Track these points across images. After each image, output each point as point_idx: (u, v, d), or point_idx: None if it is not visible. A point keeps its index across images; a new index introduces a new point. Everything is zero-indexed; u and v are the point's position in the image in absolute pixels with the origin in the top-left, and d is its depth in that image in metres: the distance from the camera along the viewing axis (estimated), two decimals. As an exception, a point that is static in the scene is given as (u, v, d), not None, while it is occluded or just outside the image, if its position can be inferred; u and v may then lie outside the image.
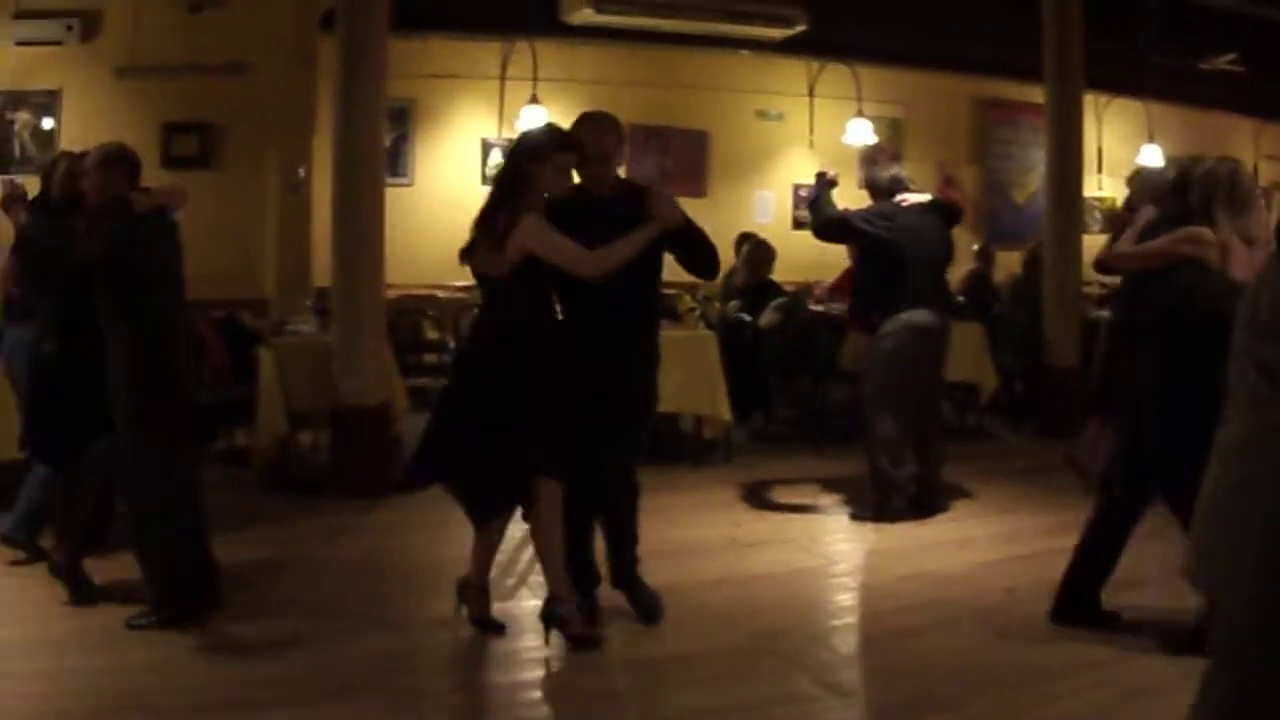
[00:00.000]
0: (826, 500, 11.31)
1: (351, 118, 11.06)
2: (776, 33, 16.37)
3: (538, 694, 6.85)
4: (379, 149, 11.41)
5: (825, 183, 10.78)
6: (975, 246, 17.02)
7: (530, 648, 7.32)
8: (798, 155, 18.54)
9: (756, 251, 14.00)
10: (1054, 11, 14.67)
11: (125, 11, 13.98)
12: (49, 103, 14.28)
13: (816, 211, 10.87)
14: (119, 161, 7.67)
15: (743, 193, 18.06)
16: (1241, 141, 22.98)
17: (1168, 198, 7.85)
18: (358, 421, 11.01)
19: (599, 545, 7.81)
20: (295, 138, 14.58)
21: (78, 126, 13.89)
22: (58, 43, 14.04)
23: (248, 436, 11.66)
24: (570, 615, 7.11)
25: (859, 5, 16.03)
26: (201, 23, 14.26)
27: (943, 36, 17.20)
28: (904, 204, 10.64)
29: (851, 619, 8.38)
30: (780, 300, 13.39)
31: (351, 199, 11.02)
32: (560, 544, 7.14)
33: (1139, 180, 10.98)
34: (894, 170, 11.24)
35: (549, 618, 7.11)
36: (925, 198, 10.90)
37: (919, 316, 10.40)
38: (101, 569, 8.08)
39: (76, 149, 8.63)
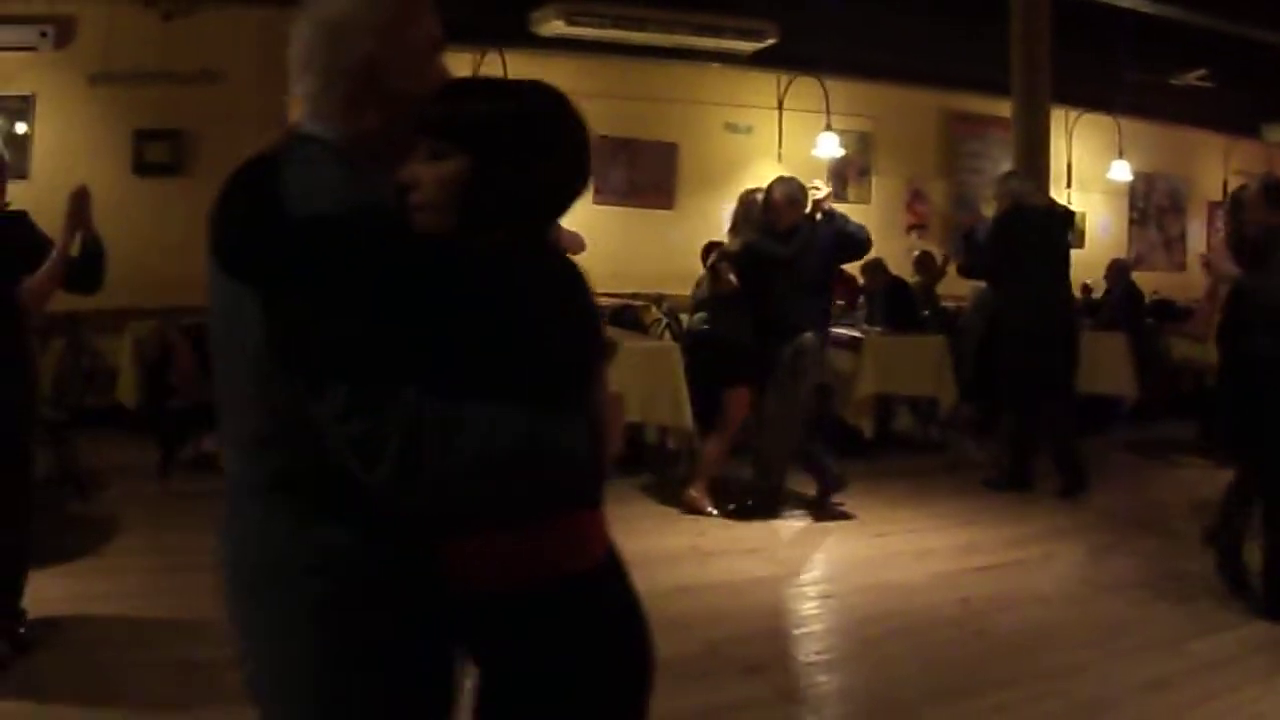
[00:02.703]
0: (789, 509, 11.33)
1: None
2: (747, 46, 16.48)
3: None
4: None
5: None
6: (915, 253, 17.11)
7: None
8: (766, 168, 18.50)
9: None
10: (1022, 25, 14.77)
11: (99, 18, 14.04)
12: (23, 108, 14.26)
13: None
14: None
15: (711, 205, 18.05)
16: (1211, 157, 23.19)
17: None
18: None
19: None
20: (265, 146, 14.60)
21: (51, 132, 14.04)
22: (32, 48, 14.05)
23: (215, 443, 11.67)
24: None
25: (829, 19, 16.08)
26: (175, 30, 14.31)
27: (912, 50, 17.28)
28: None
29: (810, 628, 8.44)
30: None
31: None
32: None
33: (1001, 184, 11.27)
34: None
35: None
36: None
37: None
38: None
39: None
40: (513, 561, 2.89)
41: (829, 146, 17.52)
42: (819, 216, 10.91)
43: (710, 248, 12.58)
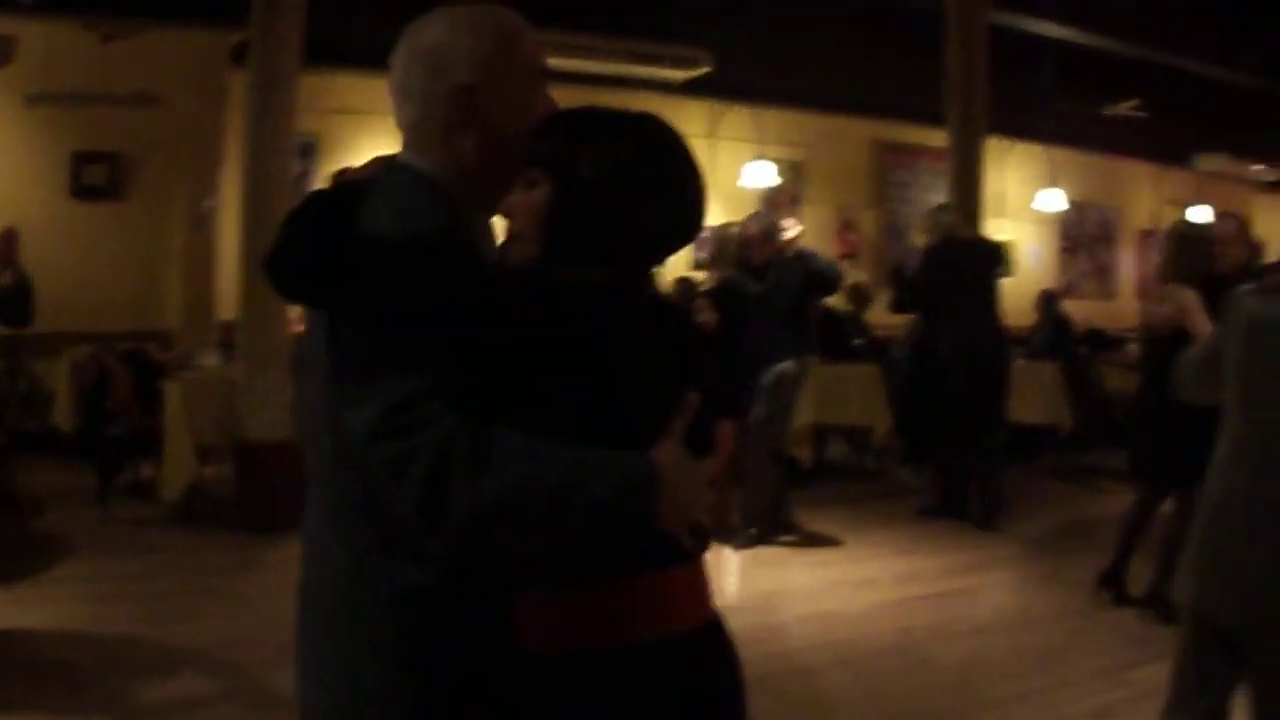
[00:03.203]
0: (720, 539, 11.22)
1: (261, 151, 11.12)
2: (681, 74, 16.51)
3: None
4: (287, 183, 11.44)
5: None
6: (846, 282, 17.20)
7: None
8: (699, 197, 18.63)
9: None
10: (958, 56, 14.84)
11: (37, 39, 13.93)
12: (-42, 129, 14.08)
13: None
14: None
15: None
16: (1142, 186, 23.43)
17: None
18: (263, 456, 11.00)
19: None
20: (203, 170, 14.57)
21: (-12, 153, 13.87)
22: (-33, 68, 13.90)
23: (154, 469, 11.64)
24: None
25: (762, 48, 16.11)
26: (113, 53, 14.21)
27: (844, 79, 17.38)
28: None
29: (748, 656, 8.45)
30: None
31: (260, 233, 11.00)
32: None
33: (932, 218, 11.34)
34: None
35: None
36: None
37: None
38: None
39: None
40: (566, 622, 2.73)
41: (762, 175, 17.54)
42: (789, 254, 10.96)
43: (682, 283, 12.57)
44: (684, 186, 2.93)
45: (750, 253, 10.84)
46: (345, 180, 2.95)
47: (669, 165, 2.91)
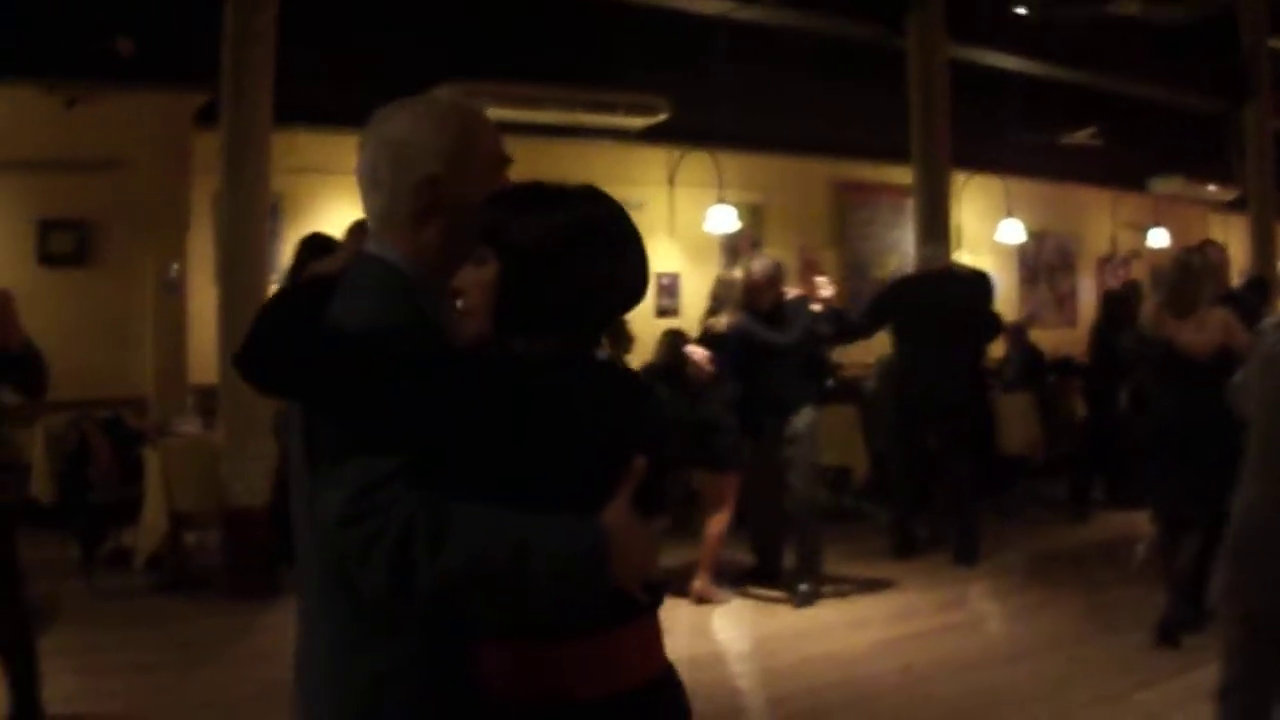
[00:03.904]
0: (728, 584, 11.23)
1: (236, 213, 11.09)
2: (638, 122, 16.49)
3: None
4: (262, 245, 11.42)
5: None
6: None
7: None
8: (659, 244, 18.54)
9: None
10: (920, 92, 14.93)
11: (0, 105, 13.81)
12: (-77, 197, 13.91)
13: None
14: None
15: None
16: (1100, 213, 23.55)
17: None
18: (249, 521, 10.92)
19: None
20: (170, 235, 14.44)
21: (-48, 222, 13.74)
22: (-69, 135, 13.76)
23: (134, 537, 11.56)
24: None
25: (720, 92, 16.14)
26: (77, 118, 14.06)
27: (802, 120, 17.38)
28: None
29: (754, 702, 8.46)
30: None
31: (236, 296, 10.93)
32: None
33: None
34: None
35: None
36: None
37: None
38: None
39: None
40: (514, 672, 2.86)
41: (722, 220, 17.53)
42: (817, 308, 10.90)
43: (672, 335, 12.44)
44: (624, 252, 3.04)
45: (756, 297, 10.68)
46: (315, 275, 3.08)
47: (608, 233, 3.01)
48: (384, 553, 2.63)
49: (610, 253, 3.00)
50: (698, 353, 10.50)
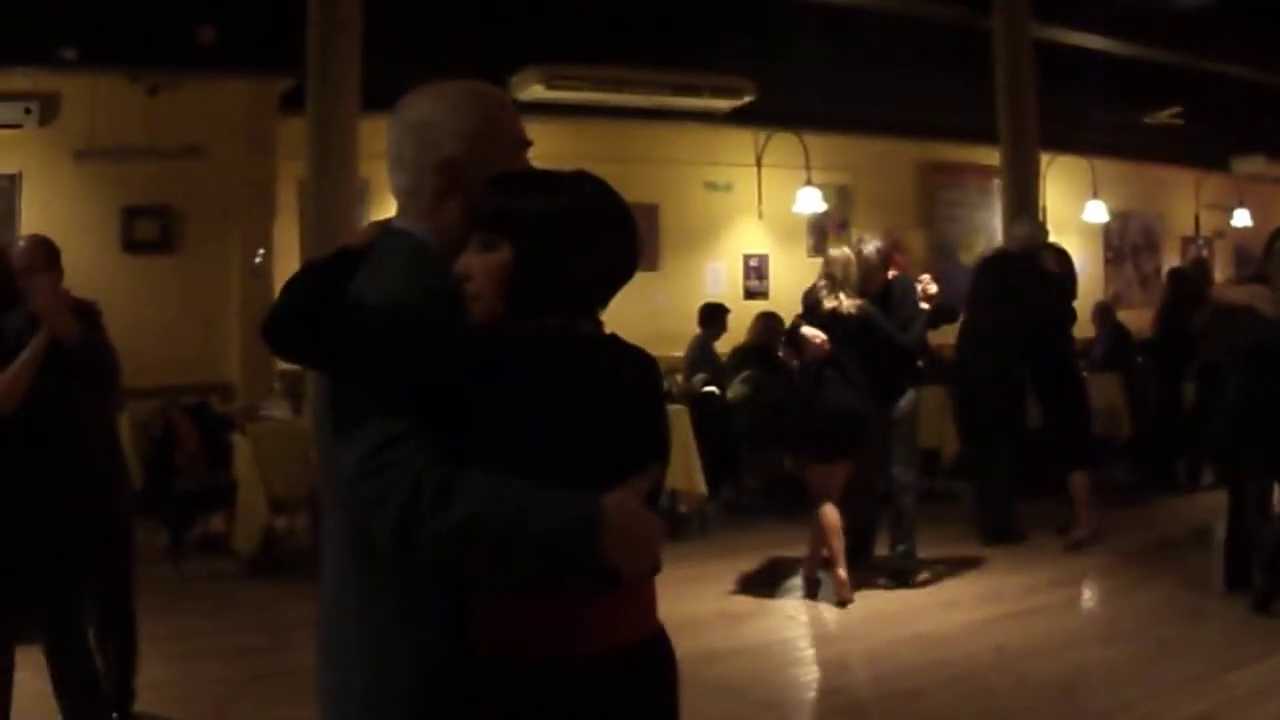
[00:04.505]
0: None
1: (324, 197, 11.11)
2: (725, 104, 16.48)
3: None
4: (350, 230, 11.41)
5: None
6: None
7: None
8: (747, 225, 18.56)
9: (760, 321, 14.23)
10: (1007, 73, 14.84)
11: (83, 94, 13.90)
12: (8, 186, 14.04)
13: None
14: None
15: (693, 264, 17.99)
16: (1183, 193, 23.36)
17: None
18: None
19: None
20: (256, 220, 14.52)
21: (38, 210, 13.82)
22: (17, 125, 13.87)
23: (225, 523, 11.60)
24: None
25: (806, 74, 16.09)
26: (159, 105, 14.18)
27: (888, 101, 17.29)
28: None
29: (851, 683, 8.42)
30: (747, 374, 13.36)
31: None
32: None
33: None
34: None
35: None
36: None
37: None
38: None
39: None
40: (524, 630, 3.02)
41: (810, 202, 17.50)
42: (925, 306, 10.78)
43: (766, 317, 12.29)
44: (624, 230, 3.20)
45: (869, 277, 10.45)
46: (343, 247, 3.22)
47: (609, 213, 3.17)
48: (392, 507, 2.82)
49: (613, 232, 3.17)
50: (815, 335, 10.32)
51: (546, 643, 3.01)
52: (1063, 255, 12.88)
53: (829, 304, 10.30)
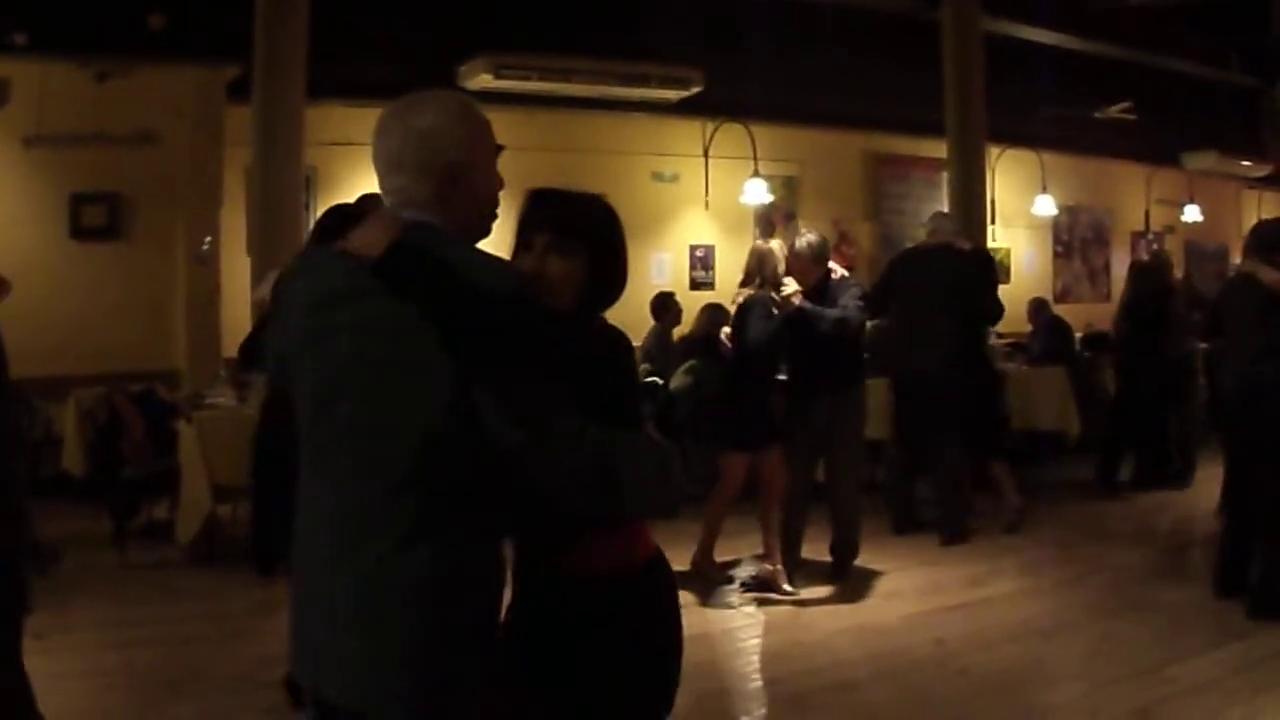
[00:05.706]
0: (747, 558, 11.21)
1: (269, 185, 11.07)
2: (673, 94, 16.49)
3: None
4: (296, 218, 11.42)
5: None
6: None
7: None
8: (694, 216, 18.58)
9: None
10: (955, 66, 14.89)
11: (32, 80, 13.84)
12: (-44, 172, 13.95)
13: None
14: None
15: (639, 254, 17.89)
16: (1133, 188, 23.47)
17: None
18: (285, 492, 10.85)
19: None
20: (202, 208, 14.47)
21: (-14, 196, 13.77)
22: (-35, 111, 13.81)
23: (169, 510, 11.55)
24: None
25: (754, 65, 16.15)
26: (108, 92, 14.13)
27: (837, 93, 17.35)
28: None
29: (791, 673, 8.42)
30: (690, 364, 13.30)
31: (269, 269, 10.86)
32: None
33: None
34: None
35: None
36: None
37: None
38: None
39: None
40: (608, 552, 3.75)
41: (757, 193, 17.53)
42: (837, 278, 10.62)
43: (713, 308, 12.29)
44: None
45: (801, 274, 10.29)
46: (415, 223, 3.49)
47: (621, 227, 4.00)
48: (596, 473, 3.45)
49: (623, 242, 3.98)
50: (727, 337, 10.32)
51: (618, 559, 3.75)
52: (980, 250, 12.93)
53: (738, 299, 10.30)
